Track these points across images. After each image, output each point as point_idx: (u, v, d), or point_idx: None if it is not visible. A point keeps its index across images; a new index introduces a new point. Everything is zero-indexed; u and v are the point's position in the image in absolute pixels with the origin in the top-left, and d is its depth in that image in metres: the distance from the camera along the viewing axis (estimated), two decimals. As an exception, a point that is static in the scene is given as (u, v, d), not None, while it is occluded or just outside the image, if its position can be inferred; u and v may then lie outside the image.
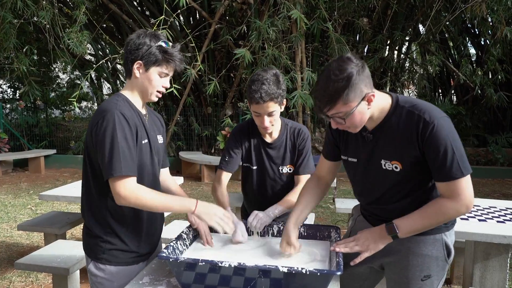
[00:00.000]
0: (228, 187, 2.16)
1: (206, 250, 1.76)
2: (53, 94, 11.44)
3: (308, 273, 1.35)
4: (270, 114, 1.98)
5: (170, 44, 1.66)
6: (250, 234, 1.92)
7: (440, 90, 10.93)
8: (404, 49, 9.88)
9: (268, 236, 1.92)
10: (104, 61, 7.94)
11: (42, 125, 9.86)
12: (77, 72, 11.18)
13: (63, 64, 9.37)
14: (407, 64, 9.92)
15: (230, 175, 2.17)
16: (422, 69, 9.54)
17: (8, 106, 10.50)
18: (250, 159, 2.18)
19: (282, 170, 2.17)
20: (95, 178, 1.65)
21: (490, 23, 7.23)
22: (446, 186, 1.44)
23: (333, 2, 6.70)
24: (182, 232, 1.76)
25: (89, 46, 7.81)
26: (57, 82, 11.84)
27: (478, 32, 9.32)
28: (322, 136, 8.09)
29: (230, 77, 8.42)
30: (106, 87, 12.47)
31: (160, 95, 1.72)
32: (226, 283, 1.43)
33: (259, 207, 2.10)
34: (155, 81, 1.66)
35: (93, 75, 9.95)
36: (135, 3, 9.30)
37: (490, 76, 8.27)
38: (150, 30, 1.68)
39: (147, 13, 9.26)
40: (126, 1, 7.75)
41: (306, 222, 2.34)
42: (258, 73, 1.97)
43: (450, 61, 9.64)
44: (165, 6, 5.64)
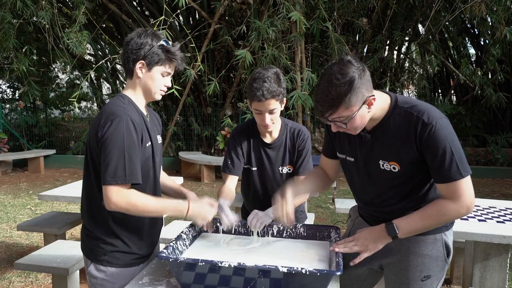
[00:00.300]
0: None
1: (206, 250, 1.76)
2: (52, 94, 11.44)
3: (308, 273, 1.35)
4: (271, 112, 1.98)
5: (171, 43, 1.67)
6: (250, 234, 1.92)
7: (439, 90, 10.94)
8: (403, 49, 9.89)
9: (267, 236, 1.92)
10: (103, 61, 7.93)
11: (41, 125, 9.86)
12: (76, 72, 11.18)
13: (63, 64, 9.38)
14: (407, 64, 9.93)
15: (237, 178, 2.14)
16: (421, 69, 9.55)
17: (7, 106, 10.49)
18: (250, 161, 2.17)
19: (282, 171, 2.16)
20: (98, 180, 1.63)
21: (490, 23, 7.23)
22: (446, 188, 1.44)
23: (332, 2, 6.70)
24: (182, 232, 1.76)
25: (88, 46, 7.80)
26: (56, 82, 11.84)
27: (477, 32, 9.33)
28: (322, 136, 8.09)
29: (230, 77, 8.42)
30: (105, 87, 12.47)
31: (163, 93, 1.72)
32: (226, 283, 1.43)
33: (260, 208, 2.10)
34: (158, 80, 1.66)
35: (92, 75, 9.94)
36: (135, 3, 9.29)
37: (490, 76, 8.28)
38: (150, 29, 1.68)
39: (147, 13, 9.27)
40: (125, 1, 7.75)
41: (305, 222, 2.34)
42: (259, 71, 1.98)
43: (450, 61, 9.65)
44: (164, 6, 5.64)
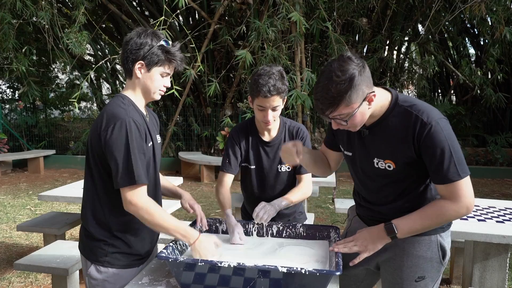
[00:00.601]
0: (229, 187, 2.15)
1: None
2: (52, 94, 11.44)
3: (307, 273, 1.35)
4: (274, 109, 1.99)
5: (171, 43, 1.66)
6: (249, 234, 1.93)
7: (439, 90, 10.94)
8: (403, 49, 9.89)
9: (267, 236, 1.92)
10: (103, 61, 7.93)
11: (41, 125, 9.86)
12: (76, 72, 11.18)
13: (62, 64, 9.38)
14: (407, 64, 9.93)
15: (233, 177, 2.16)
16: (421, 69, 9.55)
17: (7, 106, 10.49)
18: (248, 159, 2.18)
19: (280, 169, 2.16)
20: (101, 182, 1.64)
21: (489, 23, 7.23)
22: (445, 189, 1.43)
23: (332, 2, 6.70)
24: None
25: (88, 46, 7.80)
26: (56, 82, 11.84)
27: (477, 32, 9.34)
28: (321, 136, 8.09)
29: (230, 77, 8.42)
30: (105, 88, 12.47)
31: (162, 93, 1.72)
32: (226, 283, 1.43)
33: None
34: (157, 81, 1.65)
35: (92, 76, 9.94)
36: (134, 3, 9.29)
37: (490, 76, 8.28)
38: (149, 29, 1.67)
39: (147, 13, 9.27)
40: (125, 1, 7.75)
41: (305, 222, 2.34)
42: (264, 68, 1.99)
43: (450, 61, 9.65)
44: (164, 6, 5.64)
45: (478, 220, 2.52)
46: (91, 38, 7.62)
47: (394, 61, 9.13)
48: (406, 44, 9.73)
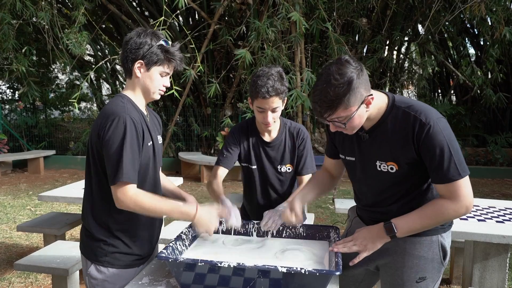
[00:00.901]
0: (228, 188, 2.16)
1: (205, 250, 1.76)
2: (52, 94, 11.44)
3: (307, 273, 1.35)
4: (273, 110, 1.99)
5: (170, 43, 1.66)
6: (249, 234, 1.93)
7: (439, 90, 10.94)
8: (403, 49, 9.89)
9: (267, 236, 1.92)
10: (103, 62, 7.94)
11: (41, 126, 9.85)
12: (76, 72, 11.17)
13: (62, 64, 9.36)
14: (406, 64, 9.93)
15: (227, 172, 2.16)
16: (421, 69, 9.55)
17: (7, 107, 10.48)
18: (249, 159, 2.18)
19: (281, 169, 2.17)
20: (99, 181, 1.64)
21: (489, 24, 7.23)
22: (444, 188, 1.44)
23: (332, 3, 6.71)
24: (182, 232, 1.76)
25: (88, 46, 7.81)
26: (56, 83, 11.83)
27: (477, 32, 9.34)
28: (321, 136, 8.09)
29: (230, 77, 8.42)
30: (105, 88, 12.47)
31: (162, 93, 1.72)
32: (226, 283, 1.43)
33: (262, 207, 2.10)
34: (157, 80, 1.66)
35: (92, 76, 9.94)
36: (134, 4, 9.30)
37: (490, 76, 8.28)
38: (149, 29, 1.68)
39: (146, 13, 9.27)
40: (125, 1, 7.75)
41: (305, 222, 2.34)
42: (263, 69, 1.99)
43: (450, 61, 9.65)
44: (164, 6, 5.64)
45: (478, 220, 2.52)
46: (91, 39, 7.62)
47: (394, 61, 9.13)
48: (406, 44, 9.73)
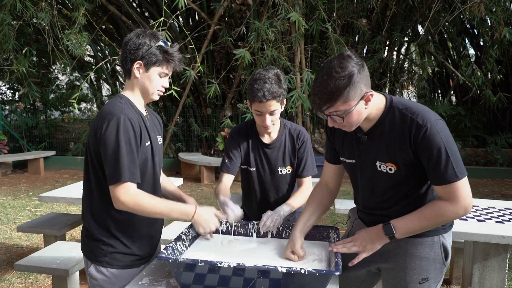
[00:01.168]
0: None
1: (205, 250, 1.76)
2: (52, 95, 11.44)
3: (307, 273, 1.36)
4: (272, 113, 1.98)
5: (169, 43, 1.67)
6: (249, 235, 1.93)
7: (439, 91, 10.95)
8: (403, 50, 9.90)
9: (267, 236, 1.93)
10: (103, 62, 7.94)
11: (41, 126, 9.85)
12: (76, 73, 11.18)
13: (63, 65, 9.37)
14: (406, 65, 9.94)
15: (233, 178, 2.16)
16: (421, 69, 9.56)
17: (7, 107, 10.49)
18: (248, 161, 2.18)
19: (281, 171, 2.16)
20: (97, 181, 1.64)
21: (489, 24, 7.24)
22: (443, 190, 1.44)
23: (332, 3, 6.71)
24: (182, 233, 1.76)
25: (88, 47, 7.81)
26: (56, 83, 11.84)
27: (477, 32, 9.34)
28: (321, 137, 8.09)
29: (230, 78, 8.42)
30: (105, 89, 12.47)
31: (161, 93, 1.72)
32: (225, 284, 1.44)
33: (261, 209, 2.10)
34: (155, 81, 1.66)
35: (92, 77, 9.94)
36: (134, 5, 9.31)
37: (489, 76, 8.29)
38: (149, 30, 1.68)
39: (146, 14, 9.27)
40: (125, 2, 7.76)
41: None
42: (260, 72, 1.98)
43: (449, 61, 9.65)
44: (164, 7, 5.64)
45: (478, 220, 2.53)
46: (91, 39, 7.63)
47: (394, 61, 9.13)
48: (405, 44, 9.73)
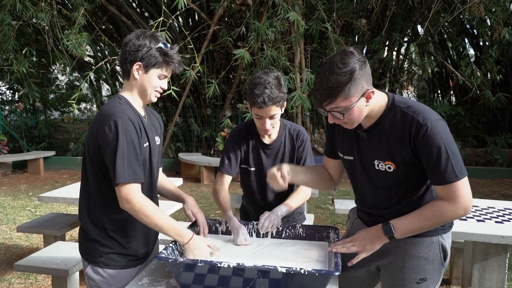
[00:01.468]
0: (227, 189, 2.15)
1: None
2: (52, 95, 11.44)
3: (306, 273, 1.36)
4: (271, 117, 1.99)
5: (169, 45, 1.67)
6: (249, 235, 1.93)
7: (439, 91, 10.95)
8: (402, 50, 9.90)
9: (266, 237, 1.93)
10: (103, 62, 7.94)
11: (41, 126, 9.85)
12: (76, 73, 11.18)
13: (62, 65, 9.38)
14: (406, 65, 9.94)
15: (231, 178, 2.16)
16: (421, 70, 9.57)
17: (7, 108, 10.48)
18: (247, 161, 2.18)
19: (280, 171, 2.16)
20: (95, 182, 1.65)
21: (489, 24, 7.24)
22: (442, 189, 1.44)
23: (331, 3, 6.72)
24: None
25: (88, 47, 7.81)
26: (56, 83, 11.83)
27: (476, 33, 9.35)
28: (321, 137, 8.09)
29: (229, 78, 8.42)
30: (105, 89, 12.47)
31: (158, 95, 1.72)
32: (225, 284, 1.44)
33: (260, 209, 2.10)
34: (154, 82, 1.66)
35: (92, 77, 9.94)
36: (134, 5, 9.31)
37: (489, 77, 8.30)
38: (148, 31, 1.68)
39: (146, 14, 9.27)
40: (125, 2, 7.76)
41: (305, 223, 2.34)
42: (260, 76, 1.97)
43: (449, 62, 9.66)
44: (163, 7, 5.65)
45: (477, 220, 2.53)
46: (91, 40, 7.63)
47: (394, 62, 9.14)
48: (405, 45, 9.73)
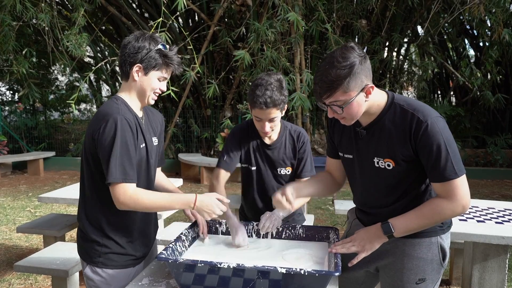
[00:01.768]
0: (227, 189, 2.15)
1: (205, 251, 1.76)
2: (52, 96, 11.44)
3: (306, 274, 1.36)
4: (271, 120, 1.99)
5: (168, 46, 1.67)
6: (249, 235, 1.93)
7: (439, 92, 10.95)
8: (402, 50, 9.91)
9: (266, 237, 1.93)
10: (103, 63, 7.95)
11: (41, 127, 9.85)
12: (76, 74, 11.18)
13: (62, 66, 9.38)
14: (406, 65, 9.94)
15: (229, 175, 2.16)
16: (421, 70, 9.58)
17: (7, 108, 10.49)
18: (249, 160, 2.18)
19: (280, 172, 2.17)
20: (92, 182, 1.65)
21: (488, 25, 7.25)
22: (441, 187, 1.44)
23: (331, 4, 6.72)
24: (181, 233, 1.76)
25: (88, 48, 7.82)
26: (56, 84, 11.84)
27: (476, 33, 9.35)
28: (321, 137, 8.09)
29: (229, 79, 8.43)
30: (105, 89, 12.48)
31: (156, 98, 1.72)
32: (225, 284, 1.44)
33: (260, 209, 2.10)
34: (154, 84, 1.66)
35: (92, 77, 9.94)
36: (134, 6, 9.31)
37: (489, 77, 8.30)
38: (148, 33, 1.68)
39: (146, 15, 9.28)
40: (125, 3, 7.77)
41: (305, 223, 2.34)
42: (262, 77, 1.96)
43: (449, 62, 9.66)
44: (163, 8, 5.65)
45: (477, 221, 2.53)
46: (91, 40, 7.63)
47: (394, 62, 9.14)
48: (405, 45, 9.74)
